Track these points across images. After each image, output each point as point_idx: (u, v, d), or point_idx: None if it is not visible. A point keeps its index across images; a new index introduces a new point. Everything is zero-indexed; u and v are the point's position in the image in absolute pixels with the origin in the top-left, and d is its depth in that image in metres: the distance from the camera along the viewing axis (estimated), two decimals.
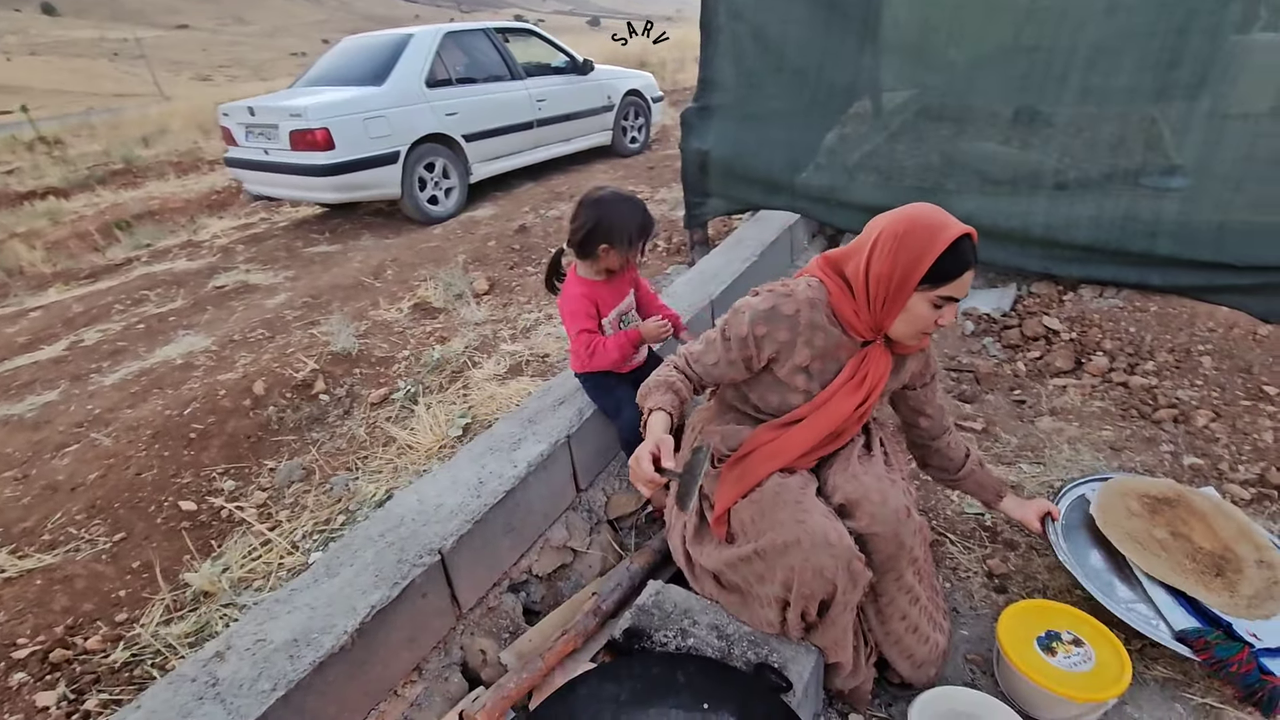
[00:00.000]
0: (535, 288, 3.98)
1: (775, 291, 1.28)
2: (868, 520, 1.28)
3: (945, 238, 1.12)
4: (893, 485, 1.33)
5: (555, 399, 2.06)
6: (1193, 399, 2.39)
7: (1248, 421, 2.26)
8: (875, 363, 1.30)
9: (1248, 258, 2.66)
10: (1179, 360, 2.58)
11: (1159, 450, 2.22)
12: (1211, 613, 1.37)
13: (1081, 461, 2.20)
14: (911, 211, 1.17)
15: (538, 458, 1.80)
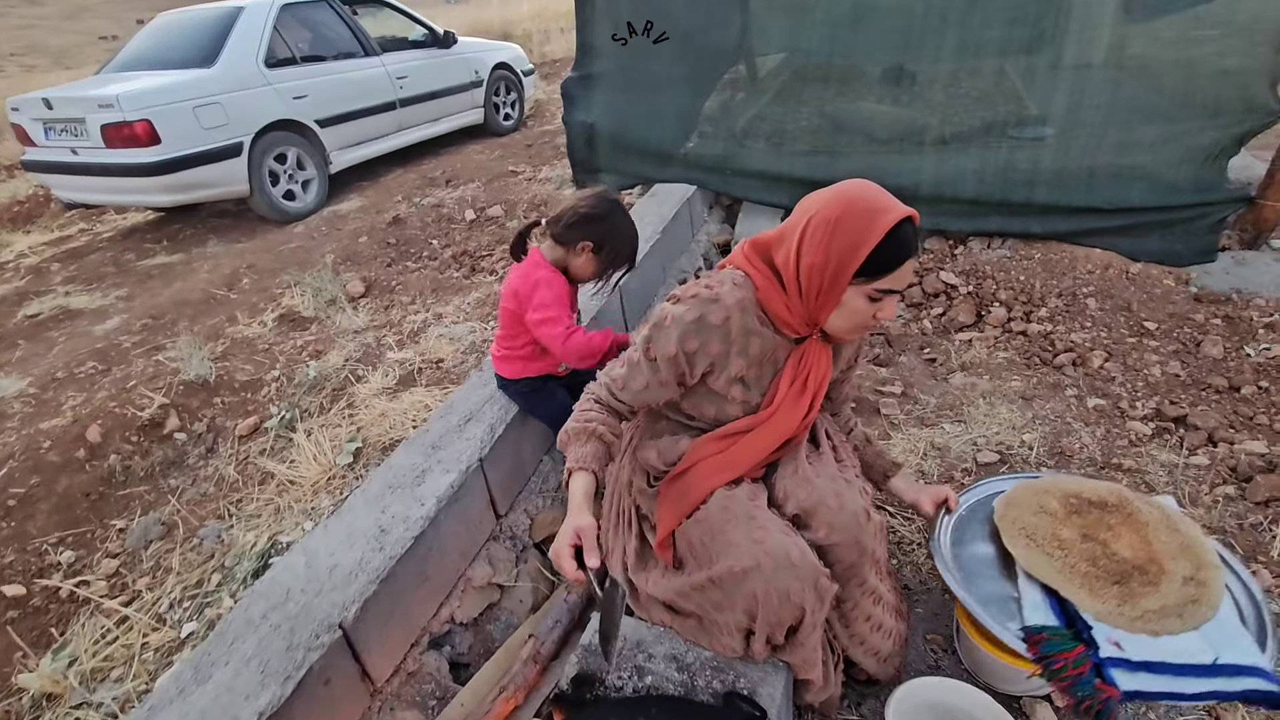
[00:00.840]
0: (419, 285, 3.66)
1: (700, 298, 1.14)
2: (825, 530, 1.21)
3: (883, 224, 1.02)
4: (848, 486, 1.26)
5: (460, 417, 1.84)
6: (1086, 341, 2.52)
7: (1136, 358, 2.40)
8: (816, 361, 1.21)
9: (1115, 200, 2.83)
10: (1068, 305, 2.72)
11: (1065, 395, 2.32)
12: (1082, 617, 1.27)
13: (998, 416, 2.25)
14: (846, 191, 1.06)
15: (448, 491, 1.59)
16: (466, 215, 4.50)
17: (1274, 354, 2.27)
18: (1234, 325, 2.46)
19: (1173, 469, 1.97)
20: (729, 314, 1.13)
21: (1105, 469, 2.00)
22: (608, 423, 1.23)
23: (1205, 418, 2.07)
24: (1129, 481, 1.94)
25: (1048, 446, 2.11)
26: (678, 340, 1.15)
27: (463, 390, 1.98)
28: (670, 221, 3.02)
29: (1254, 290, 2.60)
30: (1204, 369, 2.30)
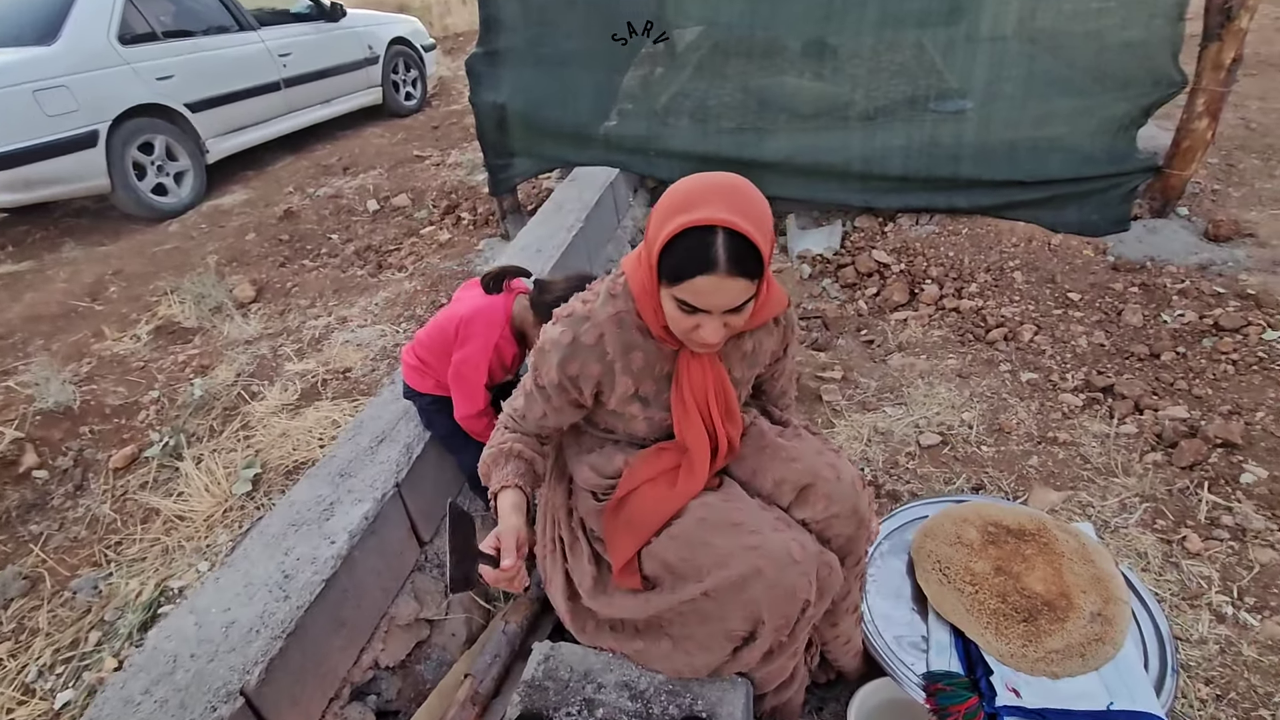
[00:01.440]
0: (318, 286, 3.44)
1: (574, 316, 1.11)
2: (824, 502, 1.19)
3: (675, 224, 0.93)
4: (839, 456, 1.24)
5: (372, 438, 1.71)
6: (1015, 315, 2.62)
7: (1064, 330, 2.51)
8: (690, 371, 1.13)
9: (1035, 173, 2.95)
10: (996, 279, 2.81)
11: (999, 371, 2.39)
12: (985, 659, 1.32)
13: (937, 396, 2.30)
14: (684, 184, 0.98)
15: (361, 524, 1.46)
16: (369, 206, 4.31)
17: (1188, 320, 2.42)
18: (1150, 293, 2.60)
19: (1104, 439, 2.06)
20: (602, 331, 1.09)
21: (1042, 443, 2.07)
22: (525, 441, 1.22)
23: (1131, 386, 2.18)
24: (1065, 455, 2.02)
25: (986, 424, 2.17)
26: (557, 366, 1.12)
27: (373, 406, 1.84)
28: (594, 208, 2.93)
29: (1165, 258, 2.77)
30: (1126, 337, 2.43)
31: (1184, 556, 1.68)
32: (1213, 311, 2.43)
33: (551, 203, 3.03)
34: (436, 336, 1.64)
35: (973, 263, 2.92)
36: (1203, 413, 2.07)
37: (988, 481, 1.97)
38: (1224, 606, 1.56)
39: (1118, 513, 1.83)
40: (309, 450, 2.27)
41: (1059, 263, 2.86)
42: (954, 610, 1.42)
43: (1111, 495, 1.88)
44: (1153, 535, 1.74)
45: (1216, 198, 3.20)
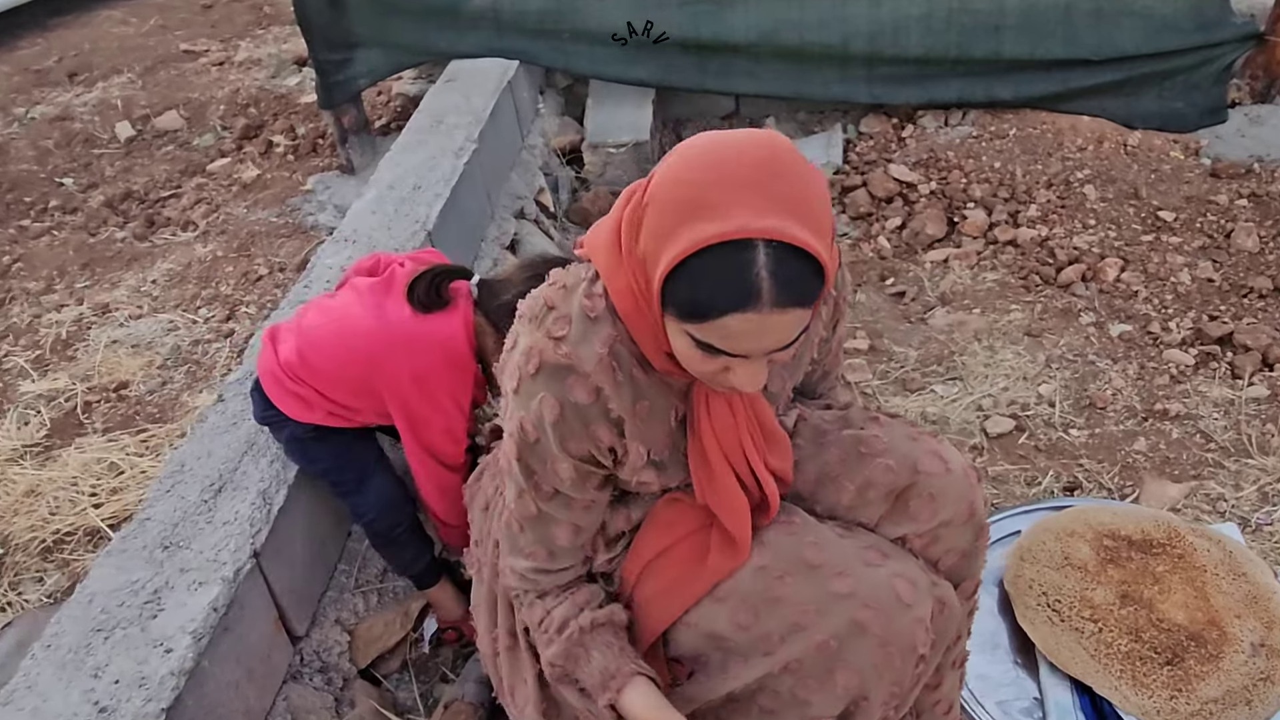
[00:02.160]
0: (54, 259, 3.28)
1: (545, 368, 1.05)
2: (930, 507, 1.20)
3: (689, 239, 0.88)
4: (938, 441, 1.27)
5: (204, 487, 1.64)
6: (1093, 245, 2.77)
7: (1159, 263, 2.68)
8: (713, 412, 1.13)
9: (1101, 49, 3.11)
10: (1061, 197, 2.96)
11: (1081, 325, 2.53)
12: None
13: (1002, 365, 2.41)
14: (688, 160, 0.92)
15: (208, 617, 1.41)
16: (118, 132, 4.13)
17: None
18: (1264, 206, 2.81)
19: (1229, 407, 2.22)
20: (598, 384, 1.06)
21: (1148, 419, 2.21)
22: (580, 594, 1.22)
23: (1255, 333, 2.35)
24: (1180, 433, 2.16)
25: (1072, 399, 2.30)
26: (558, 448, 1.10)
27: (197, 439, 1.76)
28: (487, 123, 2.88)
29: (1277, 157, 2.99)
30: (1240, 267, 2.62)
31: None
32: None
33: (424, 115, 2.96)
34: (358, 375, 1.56)
35: (1028, 176, 3.06)
36: None
37: (1083, 477, 2.09)
38: None
39: (1258, 505, 1.98)
40: (78, 514, 2.16)
41: (1141, 170, 3.04)
42: (1074, 659, 1.49)
43: (1247, 482, 2.02)
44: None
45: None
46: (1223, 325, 2.41)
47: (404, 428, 1.58)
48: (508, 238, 2.78)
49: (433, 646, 1.85)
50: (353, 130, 3.45)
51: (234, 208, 3.44)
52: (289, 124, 3.96)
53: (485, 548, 1.42)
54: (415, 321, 1.56)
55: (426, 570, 1.78)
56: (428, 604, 1.86)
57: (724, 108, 3.75)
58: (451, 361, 1.56)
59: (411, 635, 1.85)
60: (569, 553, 1.21)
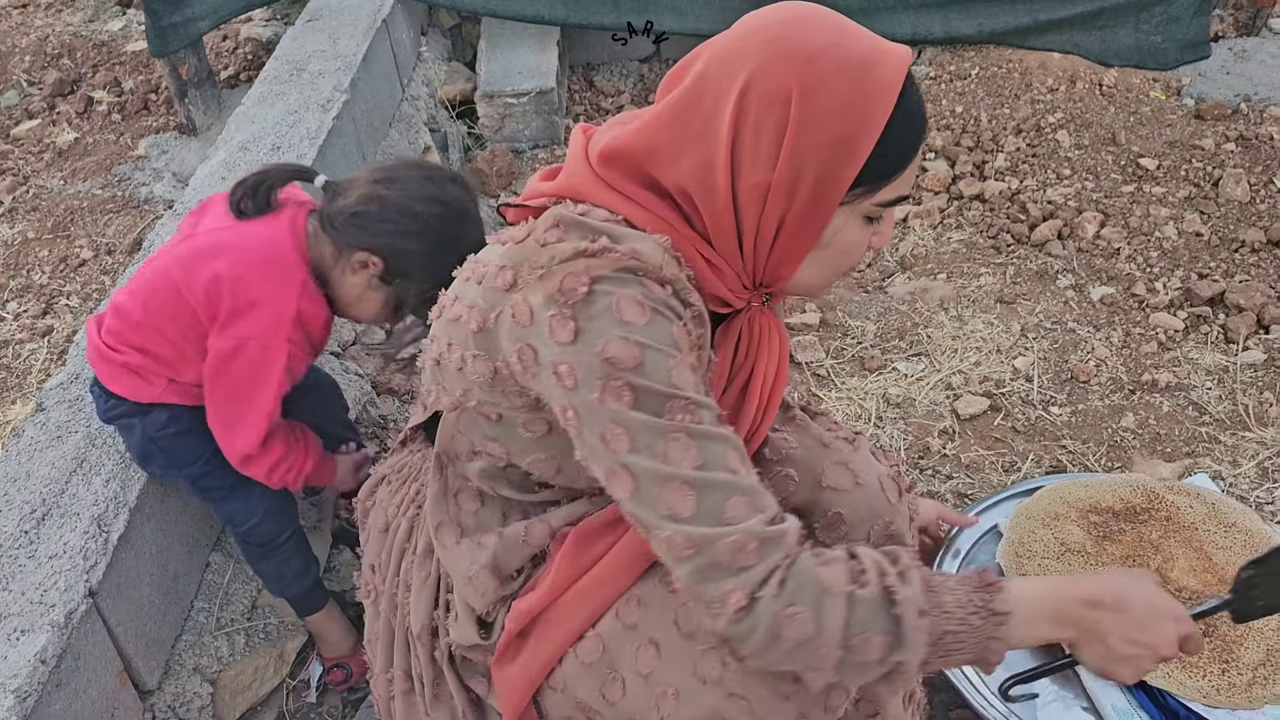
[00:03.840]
0: None
1: (601, 276, 1.02)
2: (838, 527, 1.28)
3: (888, 87, 1.01)
4: (853, 447, 1.32)
5: (25, 509, 1.63)
6: (1069, 198, 2.87)
7: (1141, 216, 2.78)
8: (766, 347, 1.22)
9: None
10: (1032, 145, 3.06)
11: (1058, 288, 2.62)
12: (1189, 711, 1.48)
13: (973, 336, 2.48)
14: (795, 31, 1.03)
15: (35, 673, 1.40)
16: None
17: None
18: (1253, 149, 2.95)
19: (1222, 375, 2.32)
20: (667, 278, 1.06)
21: (1136, 391, 2.30)
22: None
23: (1248, 292, 2.47)
24: (1171, 406, 2.26)
25: (1052, 372, 2.38)
26: (674, 349, 1.04)
27: (11, 458, 1.72)
28: (360, 70, 2.86)
29: (1266, 95, 3.14)
30: (1230, 219, 2.74)
31: None
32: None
33: (281, 62, 2.91)
34: (166, 306, 1.53)
35: (994, 121, 3.15)
36: None
37: (1068, 460, 2.16)
38: None
39: (1257, 482, 2.07)
40: None
41: (1119, 113, 3.15)
42: None
43: (1245, 457, 2.12)
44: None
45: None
46: (1213, 284, 2.52)
47: (216, 343, 1.53)
48: None
49: (319, 694, 1.82)
50: (193, 82, 3.37)
51: (47, 179, 3.35)
52: (113, 76, 3.87)
53: (384, 575, 1.41)
54: (231, 230, 1.55)
55: (313, 589, 1.77)
56: (307, 644, 1.84)
57: (643, 49, 3.77)
58: (276, 265, 1.52)
59: (288, 682, 1.83)
60: (759, 484, 1.06)
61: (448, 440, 1.27)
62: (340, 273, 1.57)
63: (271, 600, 1.86)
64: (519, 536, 1.26)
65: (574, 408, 1.02)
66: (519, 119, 3.32)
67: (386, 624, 1.40)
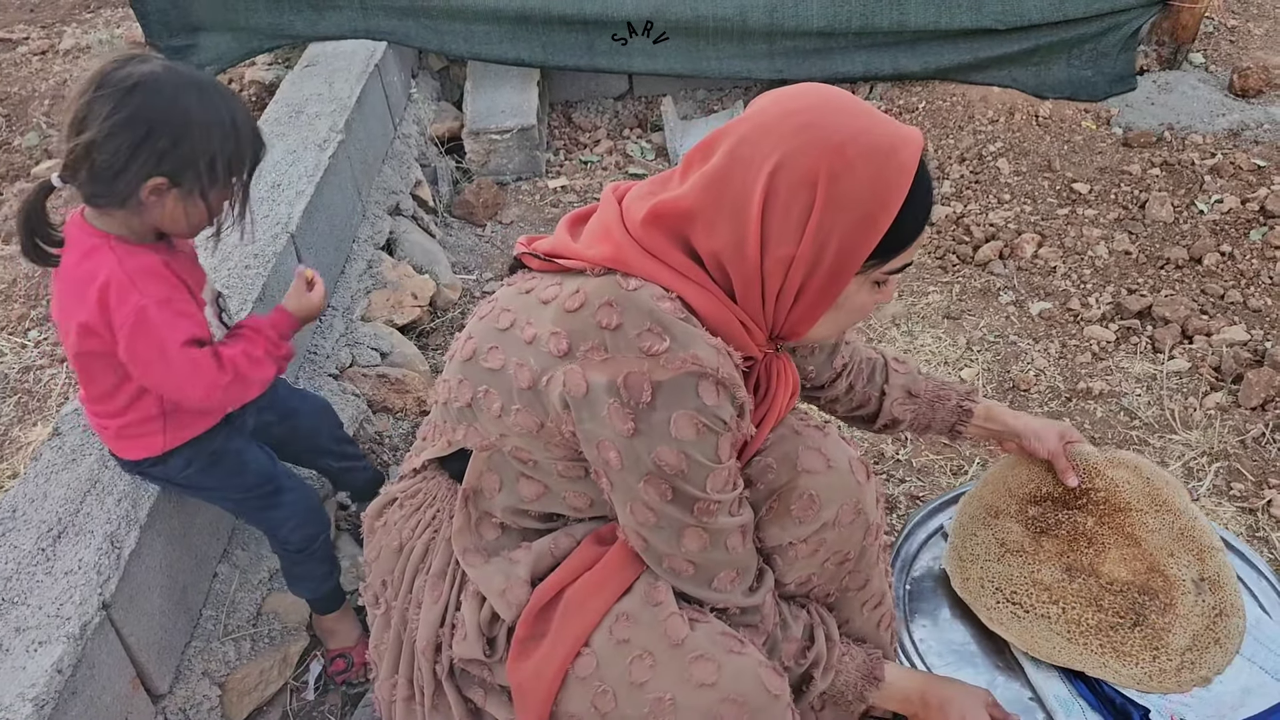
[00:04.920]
0: None
1: (664, 384, 1.07)
2: (812, 507, 1.28)
3: (905, 174, 1.07)
4: (822, 434, 1.33)
5: (43, 528, 1.59)
6: (1009, 221, 2.89)
7: (1075, 236, 2.81)
8: (782, 388, 1.31)
9: (1007, 17, 3.26)
10: (975, 172, 3.09)
11: (1000, 304, 2.64)
12: (1124, 698, 1.49)
13: (922, 349, 2.50)
14: (823, 121, 1.06)
15: (52, 682, 1.37)
16: None
17: (1228, 208, 2.80)
18: (1176, 174, 2.98)
19: (1151, 382, 2.34)
20: (722, 379, 1.10)
21: (1072, 399, 2.32)
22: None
23: (1173, 305, 2.49)
24: (1105, 412, 2.28)
25: (995, 382, 2.40)
26: (715, 461, 1.13)
27: (30, 479, 1.69)
28: (354, 111, 2.84)
29: (1187, 124, 3.18)
30: (1156, 238, 2.77)
31: (1274, 527, 1.96)
32: (1255, 193, 2.83)
33: (281, 105, 2.90)
34: (89, 372, 1.51)
35: (940, 151, 3.17)
36: (1265, 330, 2.42)
37: None
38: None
39: (1185, 480, 2.09)
40: None
41: (1054, 142, 3.18)
42: (1054, 647, 1.56)
43: (1173, 458, 2.14)
44: (1232, 506, 2.02)
45: (1235, 37, 3.71)
46: (1141, 299, 2.55)
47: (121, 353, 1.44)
48: (382, 237, 2.75)
49: (318, 692, 1.81)
50: None
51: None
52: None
53: (396, 590, 1.40)
54: (58, 272, 1.48)
55: (336, 589, 1.78)
56: (309, 646, 1.83)
57: (616, 88, 3.79)
58: (84, 251, 1.43)
59: (292, 683, 1.82)
60: (751, 555, 1.24)
61: (475, 478, 1.28)
62: (145, 217, 1.43)
63: (278, 607, 1.85)
64: (547, 548, 1.28)
65: (612, 480, 1.13)
66: (503, 154, 3.33)
67: (396, 636, 1.40)
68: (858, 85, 3.46)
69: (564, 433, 1.14)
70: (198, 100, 1.42)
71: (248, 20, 3.25)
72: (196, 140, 1.40)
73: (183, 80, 1.42)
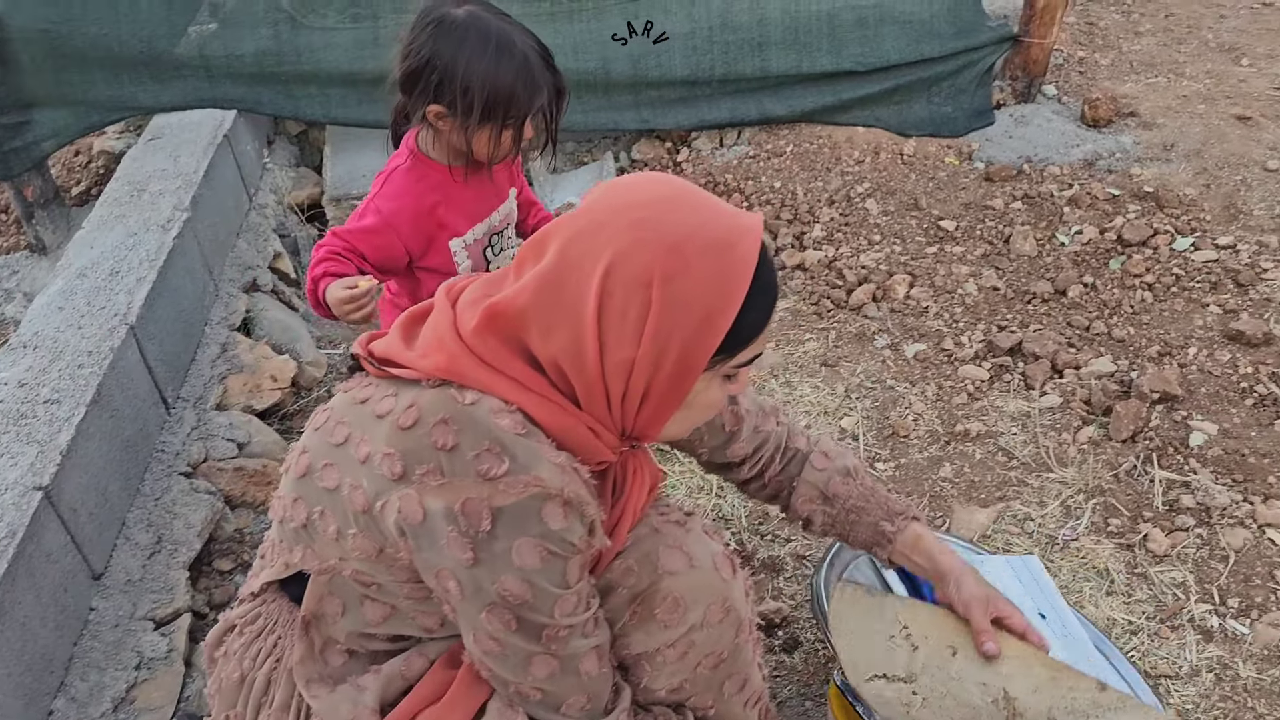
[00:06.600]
0: None
1: (505, 509, 1.02)
2: (677, 610, 1.23)
3: (746, 267, 1.03)
4: (683, 529, 1.28)
5: None
6: (879, 262, 2.90)
7: (945, 275, 2.83)
8: (636, 480, 1.27)
9: (866, 59, 3.32)
10: (844, 214, 3.10)
11: (876, 348, 2.63)
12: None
13: (801, 400, 2.47)
14: (659, 217, 1.03)
15: None
16: None
17: (1088, 239, 2.86)
18: (1037, 207, 3.04)
19: (1025, 420, 2.36)
20: (569, 498, 1.05)
21: (951, 442, 2.32)
22: None
23: (1042, 340, 2.52)
24: (982, 454, 2.28)
25: (875, 429, 2.38)
26: (563, 588, 1.09)
27: None
28: (201, 186, 2.72)
29: (1044, 155, 3.25)
30: (1022, 273, 2.81)
31: (1151, 563, 1.97)
32: (1113, 222, 2.90)
33: (121, 184, 2.76)
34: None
35: (809, 194, 3.18)
36: (1130, 360, 2.46)
37: None
38: (1208, 618, 1.86)
39: (1062, 521, 2.09)
40: None
41: (919, 179, 3.22)
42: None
43: (1050, 497, 2.15)
44: (1110, 543, 2.02)
45: (1084, 68, 3.84)
46: (1011, 335, 2.57)
47: None
48: (238, 317, 2.62)
49: None
50: (39, 203, 3.18)
51: None
52: None
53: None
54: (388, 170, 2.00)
55: None
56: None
57: None
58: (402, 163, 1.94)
59: None
60: (605, 678, 1.18)
61: (316, 602, 1.20)
62: (449, 138, 1.79)
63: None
64: (398, 670, 1.21)
65: (455, 608, 1.09)
66: None
67: None
68: (725, 130, 3.45)
69: (403, 559, 1.07)
70: (489, 43, 1.68)
71: (85, 94, 3.07)
72: (465, 75, 1.68)
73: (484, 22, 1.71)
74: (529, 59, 1.71)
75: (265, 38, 3.13)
